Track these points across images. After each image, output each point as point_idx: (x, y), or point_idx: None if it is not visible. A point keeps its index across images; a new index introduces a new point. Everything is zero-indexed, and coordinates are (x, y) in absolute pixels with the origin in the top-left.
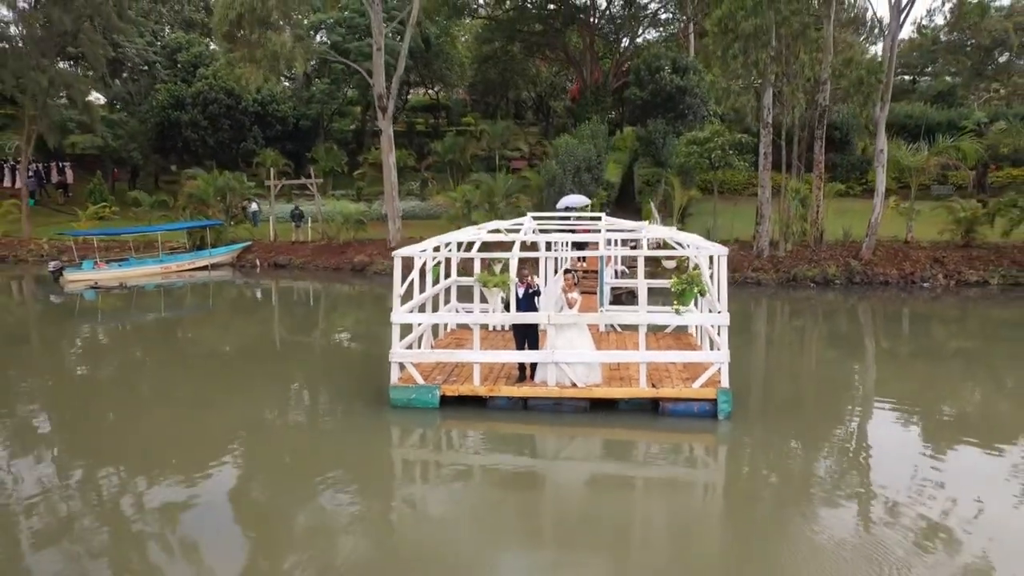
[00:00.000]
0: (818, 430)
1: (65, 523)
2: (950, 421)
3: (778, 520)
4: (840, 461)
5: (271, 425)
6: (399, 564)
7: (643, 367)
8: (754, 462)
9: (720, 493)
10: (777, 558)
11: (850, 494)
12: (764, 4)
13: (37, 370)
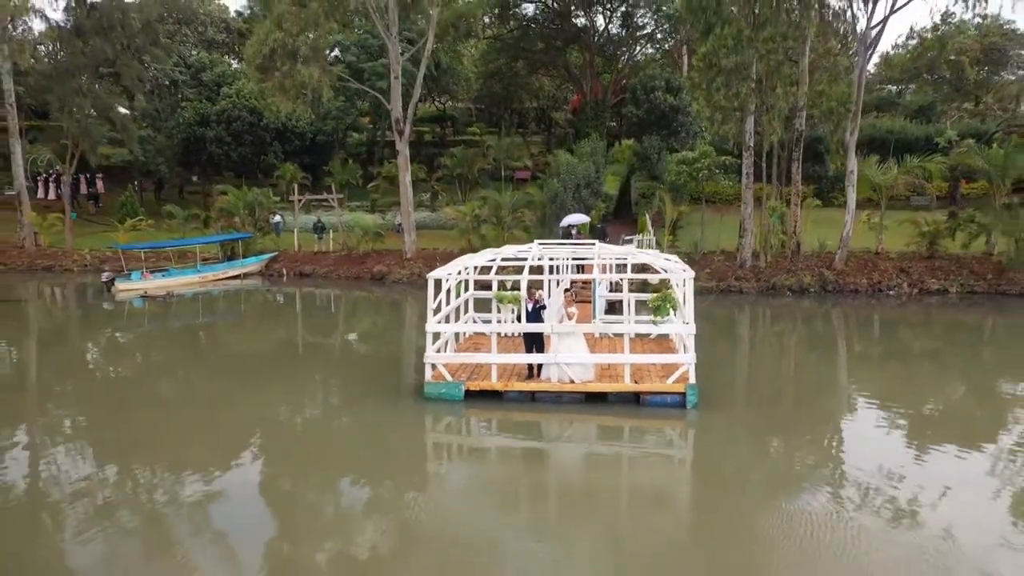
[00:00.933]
0: (774, 418)
1: (104, 511)
2: (898, 410)
3: (730, 481)
4: (787, 441)
5: (321, 415)
6: (434, 516)
7: (627, 367)
8: (713, 442)
9: (687, 465)
10: (728, 506)
11: (788, 465)
12: (744, 42)
13: (92, 369)
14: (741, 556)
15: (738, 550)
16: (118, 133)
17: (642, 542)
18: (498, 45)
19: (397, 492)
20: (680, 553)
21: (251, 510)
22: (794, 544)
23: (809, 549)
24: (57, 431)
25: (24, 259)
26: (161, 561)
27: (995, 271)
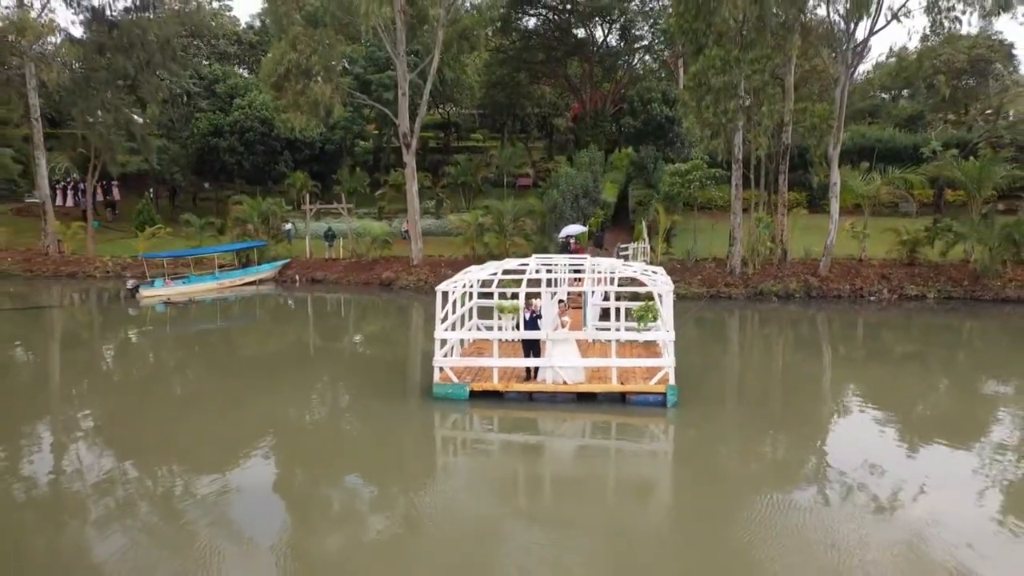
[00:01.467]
0: (750, 415)
1: (125, 505)
2: (872, 407)
3: (704, 472)
4: (761, 437)
5: (338, 413)
6: (443, 501)
7: (614, 370)
8: (690, 437)
9: (668, 456)
10: (701, 493)
11: (759, 458)
12: (732, 63)
13: (119, 370)
14: (712, 534)
15: (709, 529)
16: (137, 145)
17: (627, 523)
18: (500, 57)
19: (410, 480)
20: (659, 532)
21: (269, 498)
22: (752, 524)
23: (764, 529)
24: (85, 427)
25: (49, 266)
26: (178, 551)
27: (971, 278)
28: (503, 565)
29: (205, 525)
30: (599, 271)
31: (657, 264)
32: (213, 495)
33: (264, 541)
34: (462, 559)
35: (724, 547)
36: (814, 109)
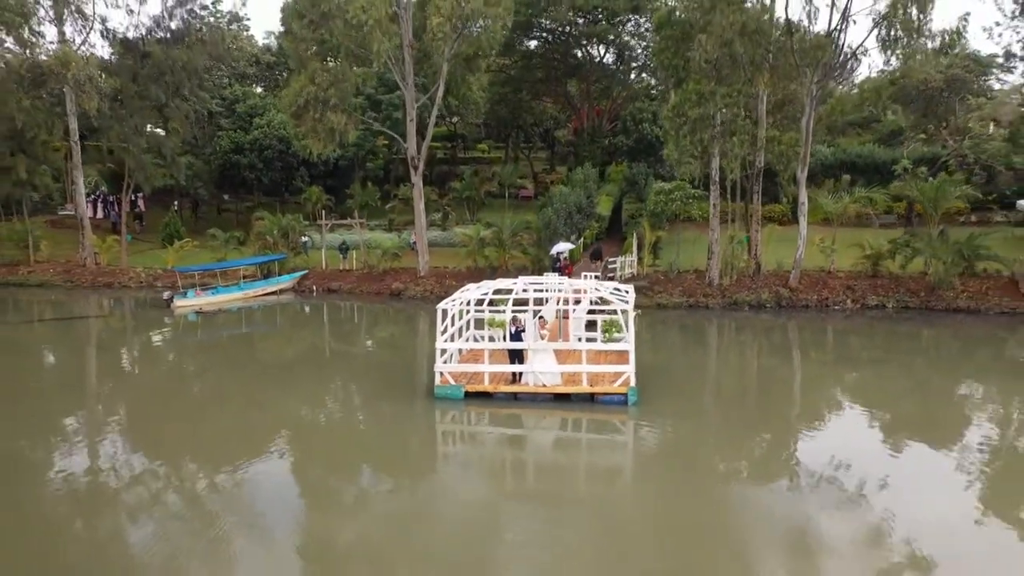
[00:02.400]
0: (704, 411)
1: (155, 495)
2: (821, 405)
3: (658, 453)
4: (709, 430)
5: (352, 409)
6: (443, 482)
7: (585, 375)
8: (646, 429)
9: (629, 445)
10: (653, 475)
11: (707, 444)
12: (706, 97)
13: (156, 373)
14: (663, 503)
15: (661, 501)
16: (167, 164)
17: (595, 498)
18: (502, 77)
19: (415, 465)
20: (621, 503)
21: (287, 482)
22: (695, 495)
23: (704, 499)
24: (124, 424)
25: (88, 277)
26: (203, 536)
27: (927, 289)
28: (495, 533)
29: (226, 512)
30: (576, 290)
31: (643, 275)
32: (235, 484)
33: (281, 517)
34: (461, 530)
35: (672, 511)
36: (781, 138)
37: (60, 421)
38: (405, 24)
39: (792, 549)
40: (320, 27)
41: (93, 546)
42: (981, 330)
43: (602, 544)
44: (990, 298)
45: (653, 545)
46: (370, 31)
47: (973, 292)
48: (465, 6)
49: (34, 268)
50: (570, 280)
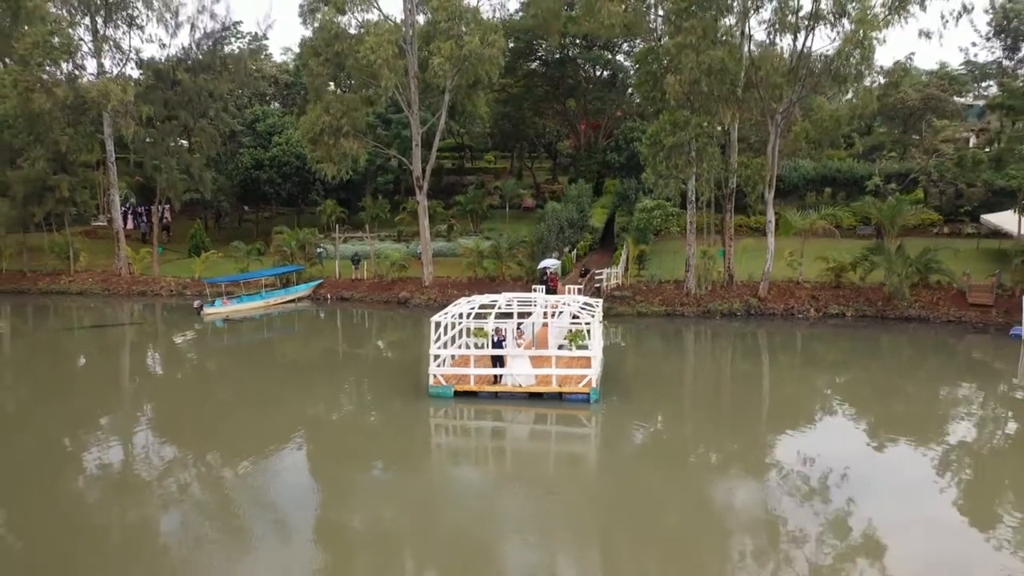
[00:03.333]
0: (658, 406)
1: (183, 485)
2: (767, 402)
3: (615, 442)
4: (659, 423)
5: (358, 405)
6: (435, 467)
7: (554, 377)
8: (604, 421)
9: (590, 435)
10: (608, 459)
11: (655, 434)
12: (680, 127)
13: (188, 374)
14: (615, 479)
15: (614, 476)
16: (195, 182)
17: (562, 477)
18: (505, 96)
19: (411, 452)
20: (583, 480)
21: (300, 469)
22: (640, 476)
23: (647, 478)
24: (157, 420)
25: (123, 285)
26: (226, 523)
27: (883, 299)
28: (481, 504)
29: (247, 499)
30: (552, 305)
31: (628, 286)
32: (256, 470)
33: (295, 497)
34: (452, 503)
35: (624, 486)
36: (749, 163)
37: (101, 417)
38: (411, 57)
39: (712, 509)
40: (334, 63)
41: (127, 528)
42: (930, 336)
43: (570, 510)
44: (939, 307)
45: (609, 508)
46: (379, 69)
47: (925, 302)
48: (462, 48)
49: (75, 277)
50: (549, 295)
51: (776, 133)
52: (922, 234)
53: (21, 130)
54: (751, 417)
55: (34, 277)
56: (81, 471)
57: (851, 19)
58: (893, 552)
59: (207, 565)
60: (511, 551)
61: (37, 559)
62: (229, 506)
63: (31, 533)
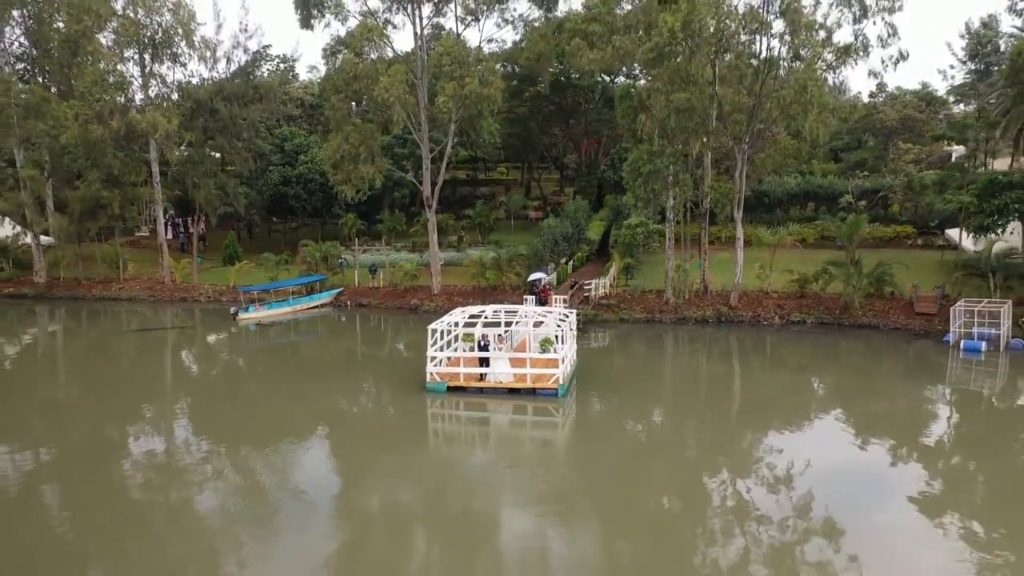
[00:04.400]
0: (621, 400)
1: (217, 471)
2: (732, 397)
3: (575, 425)
4: (621, 413)
5: (370, 397)
6: (432, 450)
7: (529, 376)
8: (568, 411)
9: (559, 422)
10: (574, 437)
11: (608, 421)
12: (656, 155)
13: (223, 373)
14: (578, 456)
15: (577, 455)
16: (230, 200)
17: (536, 454)
18: (512, 116)
19: (410, 437)
20: (552, 457)
21: (324, 448)
22: (597, 454)
23: (604, 456)
24: (195, 412)
25: (166, 292)
26: (257, 505)
27: (840, 308)
28: (470, 476)
29: (274, 483)
30: (533, 314)
31: (614, 295)
32: (280, 452)
33: (316, 475)
34: (447, 477)
35: (584, 460)
36: (719, 187)
37: (146, 409)
38: (421, 91)
39: (649, 474)
40: (352, 98)
41: (169, 505)
42: (876, 342)
43: (543, 479)
44: (889, 316)
45: (573, 475)
46: (391, 104)
47: (877, 311)
48: (464, 88)
49: (123, 285)
50: (540, 306)
51: (742, 160)
52: (897, 246)
53: (79, 155)
54: (700, 405)
55: (88, 284)
56: (128, 456)
57: (803, 61)
58: (802, 499)
59: (239, 537)
60: (487, 507)
61: (90, 531)
62: (258, 484)
63: (85, 510)
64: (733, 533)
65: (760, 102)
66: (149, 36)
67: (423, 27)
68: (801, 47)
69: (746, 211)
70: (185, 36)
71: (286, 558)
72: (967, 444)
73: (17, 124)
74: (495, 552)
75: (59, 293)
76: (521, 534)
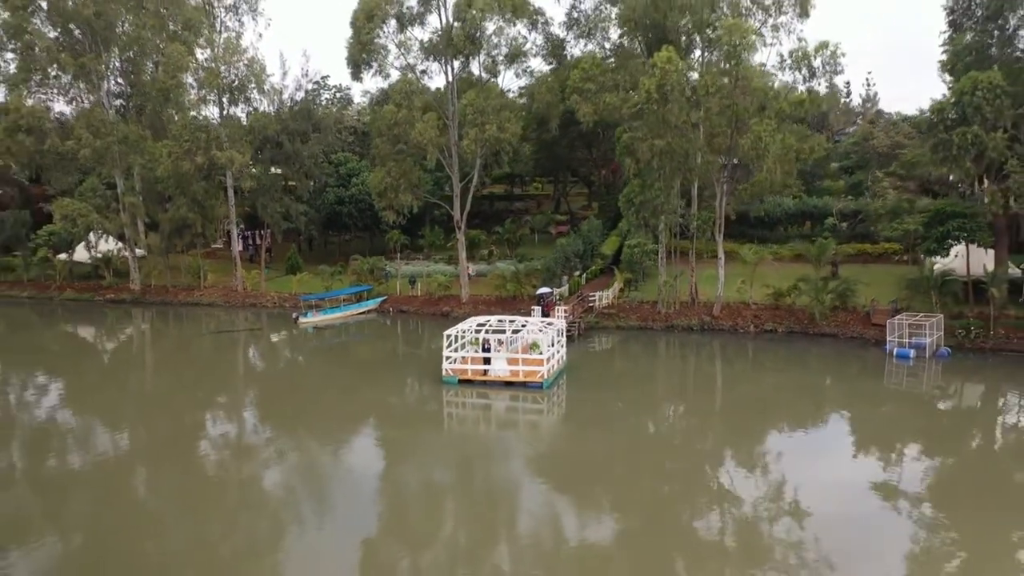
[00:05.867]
0: (594, 391)
1: (279, 453)
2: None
3: (553, 410)
4: (587, 400)
5: (400, 387)
6: (446, 426)
7: (521, 371)
8: (550, 399)
9: (543, 408)
10: (553, 418)
11: (581, 406)
12: (647, 187)
13: (284, 368)
14: (557, 431)
15: (557, 431)
16: (293, 221)
17: (525, 431)
18: (543, 139)
19: (429, 419)
20: (538, 431)
21: (368, 431)
22: (573, 430)
23: (582, 439)
24: (261, 401)
25: (238, 298)
26: (314, 480)
27: (809, 318)
28: (480, 446)
29: (327, 462)
30: (533, 323)
31: (615, 305)
32: (334, 444)
33: (358, 444)
34: (462, 448)
35: (552, 433)
36: (702, 214)
37: (222, 398)
38: (452, 131)
39: (606, 444)
40: (393, 141)
41: (241, 480)
42: (833, 348)
43: (525, 442)
44: (849, 326)
45: (546, 439)
46: (425, 145)
47: (839, 322)
48: (484, 133)
49: (203, 292)
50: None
51: (721, 192)
52: (886, 261)
53: (170, 185)
54: (668, 394)
55: (174, 291)
56: (206, 438)
57: (765, 114)
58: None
59: (300, 507)
60: (486, 464)
61: (173, 502)
62: (314, 461)
63: (169, 483)
64: (663, 469)
65: (731, 146)
66: (227, 84)
67: (455, 76)
68: (754, 108)
69: (749, 228)
70: (257, 84)
71: (344, 499)
72: (865, 424)
73: (120, 158)
74: (491, 477)
75: (151, 298)
76: (508, 468)
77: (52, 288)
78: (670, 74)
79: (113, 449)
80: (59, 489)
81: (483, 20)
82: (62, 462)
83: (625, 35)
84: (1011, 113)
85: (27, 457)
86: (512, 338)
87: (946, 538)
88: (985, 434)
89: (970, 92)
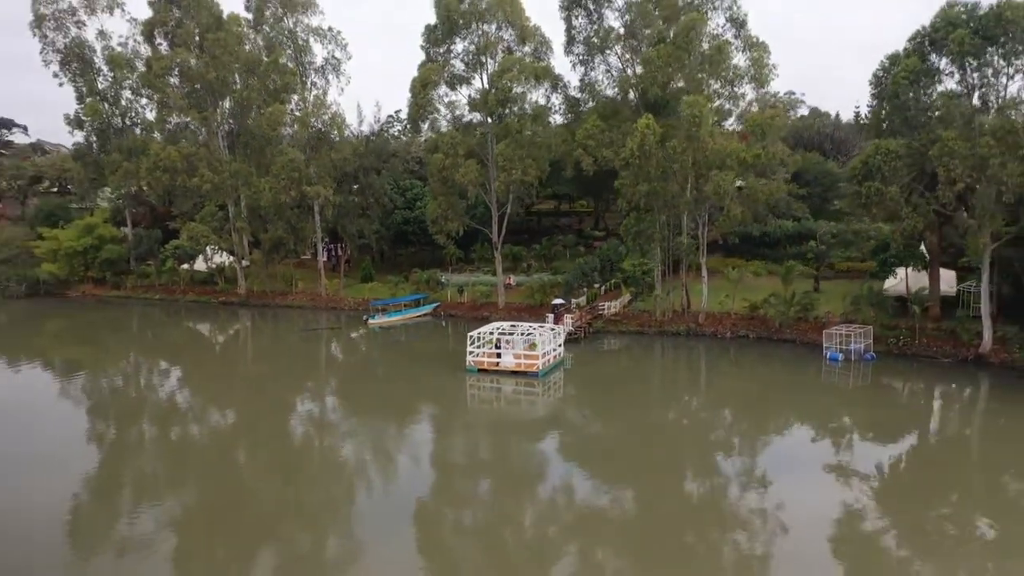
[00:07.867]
0: (581, 380)
1: (347, 435)
2: (674, 389)
3: (555, 399)
4: (573, 386)
5: (439, 375)
6: (472, 408)
7: (523, 363)
8: (544, 384)
9: (538, 393)
10: (546, 399)
11: (565, 392)
12: (640, 220)
13: (358, 361)
14: (550, 409)
15: (550, 409)
16: (367, 239)
17: (527, 408)
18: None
19: (455, 399)
20: (536, 407)
21: (417, 414)
22: (563, 410)
23: (572, 422)
24: (337, 387)
25: (322, 302)
26: (366, 456)
27: (774, 327)
28: (496, 416)
29: (391, 431)
30: (536, 328)
31: (620, 312)
32: (394, 408)
33: (409, 421)
34: (482, 420)
35: (545, 411)
36: (685, 241)
37: (309, 383)
38: (491, 170)
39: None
40: (442, 181)
41: (323, 450)
42: (789, 352)
43: (525, 412)
44: (807, 334)
45: (539, 410)
46: (467, 185)
47: (800, 330)
48: (511, 176)
49: (295, 296)
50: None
51: (702, 223)
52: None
53: (269, 211)
54: (645, 386)
55: (272, 295)
56: (295, 415)
57: (727, 165)
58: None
59: (368, 474)
60: (496, 422)
61: (265, 469)
62: (381, 436)
63: (262, 453)
64: (614, 421)
65: (699, 190)
66: (313, 132)
67: (493, 124)
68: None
69: (753, 247)
70: (338, 132)
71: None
72: (781, 408)
73: (231, 190)
74: (497, 426)
75: (254, 302)
76: (510, 427)
77: (177, 292)
78: (648, 137)
79: (223, 422)
80: (179, 454)
81: (512, 87)
82: (184, 432)
83: (619, 95)
84: (905, 172)
85: (154, 427)
86: (517, 339)
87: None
88: (865, 411)
89: (874, 155)
